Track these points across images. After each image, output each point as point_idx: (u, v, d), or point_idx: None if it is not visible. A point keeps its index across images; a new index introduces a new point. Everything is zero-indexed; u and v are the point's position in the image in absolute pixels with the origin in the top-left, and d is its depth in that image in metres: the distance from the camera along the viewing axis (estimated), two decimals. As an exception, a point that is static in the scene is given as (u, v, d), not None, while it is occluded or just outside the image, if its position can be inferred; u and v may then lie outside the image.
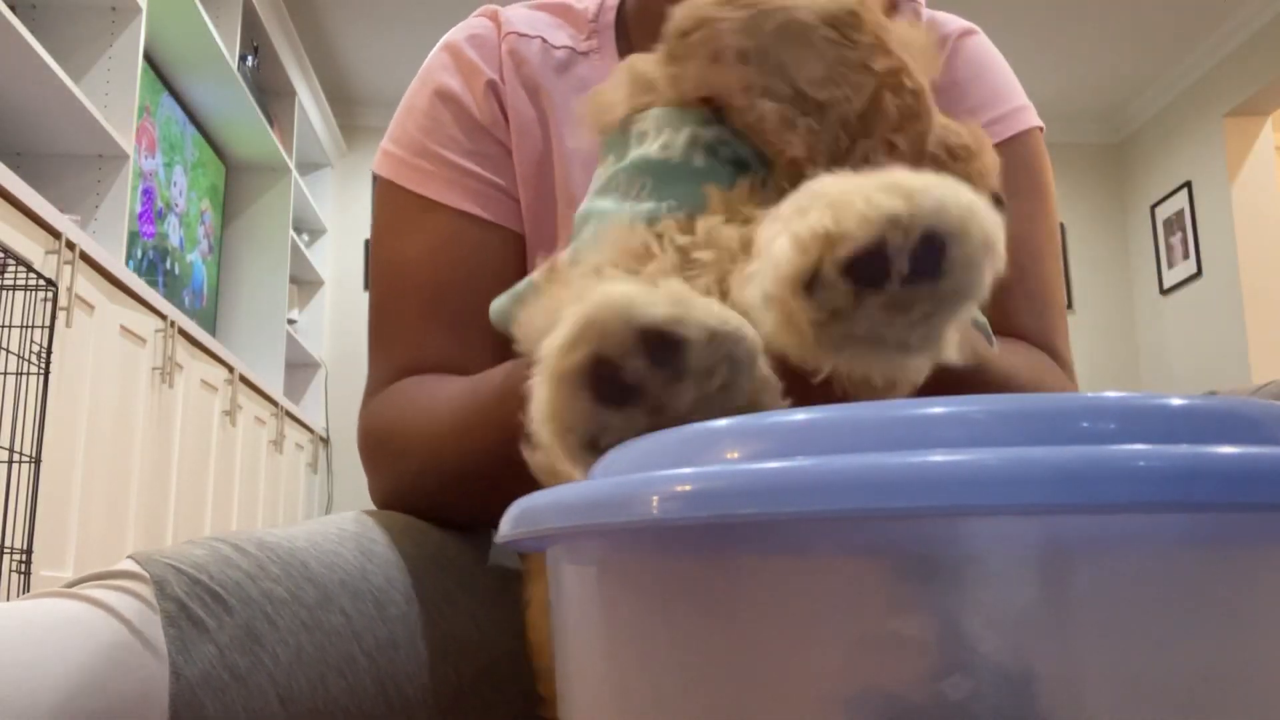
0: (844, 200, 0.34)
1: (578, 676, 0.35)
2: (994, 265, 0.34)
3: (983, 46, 0.80)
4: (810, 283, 0.34)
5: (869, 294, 0.34)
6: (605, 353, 0.36)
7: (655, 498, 0.28)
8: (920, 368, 0.38)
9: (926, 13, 0.80)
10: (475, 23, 0.81)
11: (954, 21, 0.81)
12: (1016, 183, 0.75)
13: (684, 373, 0.36)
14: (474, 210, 0.76)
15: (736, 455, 0.31)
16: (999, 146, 0.74)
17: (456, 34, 0.81)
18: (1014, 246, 0.37)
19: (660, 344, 0.36)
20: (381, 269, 0.78)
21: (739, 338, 0.37)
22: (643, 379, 0.36)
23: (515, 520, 0.34)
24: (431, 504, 0.70)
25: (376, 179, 0.80)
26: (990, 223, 0.34)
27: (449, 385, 0.69)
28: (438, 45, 0.82)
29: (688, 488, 0.28)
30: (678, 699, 0.30)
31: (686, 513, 0.28)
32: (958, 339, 0.38)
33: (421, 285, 0.75)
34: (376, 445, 0.73)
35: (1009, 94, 0.78)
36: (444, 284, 0.74)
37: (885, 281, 0.34)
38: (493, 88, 0.78)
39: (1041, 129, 0.79)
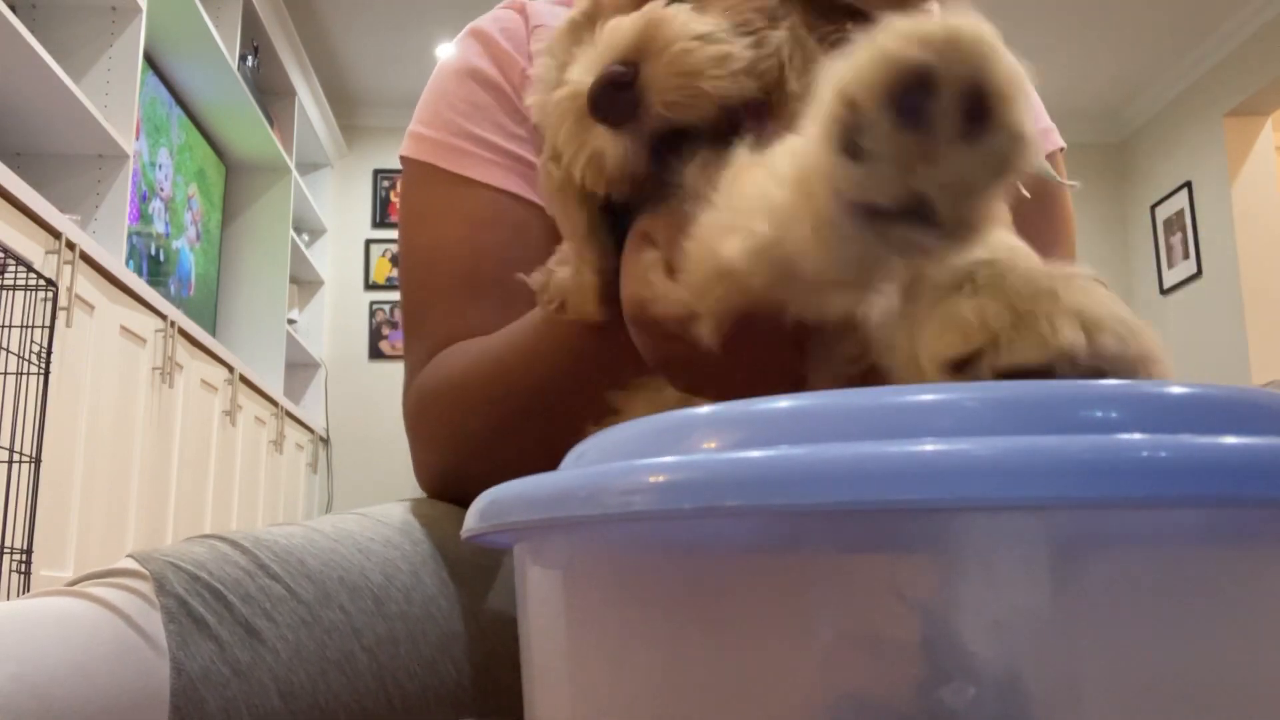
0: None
1: (543, 683, 0.33)
2: None
3: None
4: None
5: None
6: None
7: (627, 489, 0.26)
8: None
9: None
10: (503, 15, 0.81)
11: None
12: (1043, 214, 0.74)
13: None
14: (517, 190, 0.74)
15: (715, 444, 0.28)
16: (1028, 174, 0.74)
17: (485, 23, 0.80)
18: None
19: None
20: (416, 252, 0.75)
21: None
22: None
23: (481, 514, 0.32)
24: (493, 456, 0.68)
25: (406, 163, 0.77)
26: None
27: (500, 333, 0.67)
28: (464, 32, 0.81)
29: (662, 478, 0.26)
30: (649, 707, 0.29)
31: (661, 505, 0.26)
32: None
33: (461, 266, 0.73)
34: (433, 404, 0.71)
35: (1037, 114, 0.78)
36: (485, 264, 0.72)
37: None
38: (528, 79, 0.76)
39: (1063, 149, 0.77)
